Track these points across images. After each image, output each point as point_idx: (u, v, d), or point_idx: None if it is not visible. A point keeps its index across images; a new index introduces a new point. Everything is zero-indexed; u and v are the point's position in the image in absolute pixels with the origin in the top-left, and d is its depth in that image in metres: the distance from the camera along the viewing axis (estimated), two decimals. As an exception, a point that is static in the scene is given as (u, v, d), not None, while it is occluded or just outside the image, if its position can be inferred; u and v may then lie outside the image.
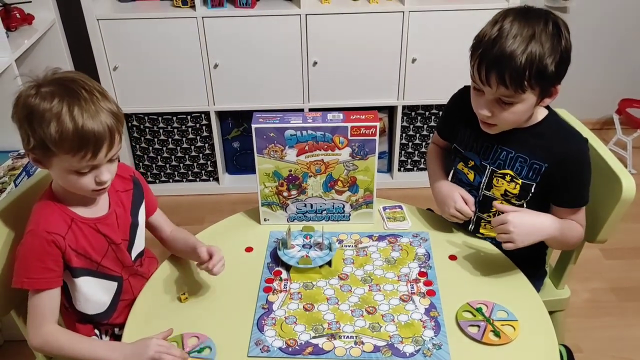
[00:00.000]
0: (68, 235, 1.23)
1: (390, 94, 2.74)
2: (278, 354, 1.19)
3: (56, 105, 1.13)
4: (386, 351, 1.19)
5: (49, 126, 1.12)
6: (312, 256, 1.42)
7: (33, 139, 1.15)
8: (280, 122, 1.42)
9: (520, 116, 1.34)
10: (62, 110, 1.12)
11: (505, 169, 1.43)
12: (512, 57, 1.23)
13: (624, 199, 1.37)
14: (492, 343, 1.19)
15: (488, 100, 1.33)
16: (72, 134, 1.12)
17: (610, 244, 2.42)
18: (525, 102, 1.30)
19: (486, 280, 1.37)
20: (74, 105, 1.13)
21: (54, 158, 1.17)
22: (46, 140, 1.13)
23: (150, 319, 1.30)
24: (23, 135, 1.18)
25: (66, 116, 1.12)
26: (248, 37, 2.58)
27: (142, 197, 1.43)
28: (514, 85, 1.25)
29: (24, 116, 1.16)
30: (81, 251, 1.26)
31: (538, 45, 1.24)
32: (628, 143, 3.06)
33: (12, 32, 2.27)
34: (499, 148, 1.43)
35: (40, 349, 1.27)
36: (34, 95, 1.15)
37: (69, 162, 1.16)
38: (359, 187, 1.52)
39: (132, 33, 2.56)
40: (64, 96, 1.14)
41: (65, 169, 1.18)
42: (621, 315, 2.19)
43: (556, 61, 1.26)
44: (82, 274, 1.29)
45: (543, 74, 1.25)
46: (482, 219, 1.52)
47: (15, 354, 2.05)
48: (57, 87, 1.16)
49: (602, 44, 3.18)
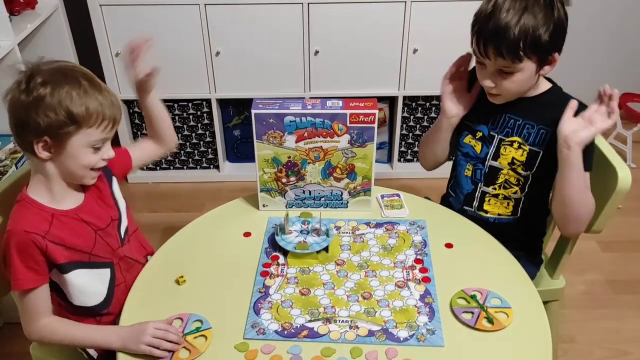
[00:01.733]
0: (50, 232, 1.23)
1: (391, 84, 2.74)
2: (274, 337, 1.20)
3: (70, 87, 1.18)
4: (380, 335, 1.20)
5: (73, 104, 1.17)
6: (309, 242, 1.43)
7: (50, 124, 1.16)
8: (280, 109, 1.43)
9: (522, 85, 1.41)
10: (81, 89, 1.18)
11: (513, 136, 1.48)
12: (506, 30, 1.31)
13: (619, 190, 1.39)
14: (486, 329, 1.21)
15: (490, 71, 1.41)
16: (95, 106, 1.19)
17: (607, 237, 2.45)
18: (524, 71, 1.37)
19: (481, 268, 1.39)
20: (89, 85, 1.20)
21: (74, 137, 1.19)
22: (75, 117, 1.17)
23: (147, 303, 1.31)
24: (32, 126, 1.17)
25: (86, 93, 1.19)
26: (250, 25, 2.58)
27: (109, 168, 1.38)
28: (511, 55, 1.33)
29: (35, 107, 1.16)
30: (69, 244, 1.26)
31: (531, 17, 1.31)
32: (628, 137, 3.06)
33: (15, 16, 2.28)
34: (506, 116, 1.50)
35: (40, 342, 1.29)
36: (39, 84, 1.17)
37: (91, 136, 1.21)
38: (357, 175, 1.54)
39: (134, 19, 2.57)
40: (74, 78, 1.19)
41: (83, 146, 1.21)
42: (616, 307, 2.20)
43: (550, 30, 1.32)
44: (73, 268, 1.28)
45: (537, 43, 1.32)
46: (487, 192, 1.55)
47: (15, 335, 2.07)
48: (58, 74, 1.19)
49: (603, 37, 3.18)
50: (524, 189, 1.51)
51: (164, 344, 1.16)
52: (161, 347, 1.16)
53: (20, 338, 1.92)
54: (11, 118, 1.20)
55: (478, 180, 1.56)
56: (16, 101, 1.18)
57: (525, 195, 1.52)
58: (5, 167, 2.02)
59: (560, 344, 1.96)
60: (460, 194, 1.62)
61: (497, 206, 1.55)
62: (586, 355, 2.01)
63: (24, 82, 1.18)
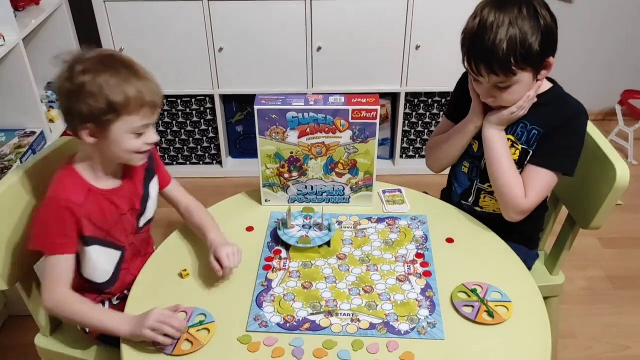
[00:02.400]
0: (84, 204, 1.29)
1: (393, 80, 2.75)
2: (276, 329, 1.22)
3: (109, 74, 1.21)
4: (381, 328, 1.22)
5: (112, 92, 1.20)
6: (311, 236, 1.45)
7: (92, 112, 1.21)
8: (282, 104, 1.45)
9: (521, 94, 1.41)
10: (120, 76, 1.21)
11: (508, 134, 1.48)
12: (494, 48, 1.30)
13: (618, 186, 1.39)
14: (486, 323, 1.22)
15: (486, 87, 1.40)
16: (134, 93, 1.22)
17: (608, 233, 2.48)
18: (521, 82, 1.36)
19: (482, 263, 1.40)
20: (128, 72, 1.23)
21: (115, 124, 1.23)
22: (115, 105, 1.21)
23: (151, 295, 1.33)
24: (76, 113, 1.23)
25: (125, 80, 1.22)
26: (253, 21, 2.60)
27: (154, 169, 1.48)
28: (503, 71, 1.33)
29: (77, 94, 1.21)
30: (94, 220, 1.31)
31: (517, 30, 1.29)
32: (629, 134, 3.07)
33: (19, 12, 2.29)
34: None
35: (52, 310, 1.30)
36: (84, 71, 1.21)
37: (131, 123, 1.25)
38: (359, 170, 1.55)
39: (138, 15, 2.58)
40: (116, 67, 1.23)
41: (125, 132, 1.25)
42: (616, 303, 2.22)
43: (539, 39, 1.31)
44: (93, 243, 1.33)
45: (528, 54, 1.31)
46: (482, 189, 1.56)
47: (20, 328, 2.10)
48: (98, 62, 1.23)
49: (606, 35, 3.19)
50: None
51: (165, 328, 1.17)
52: (162, 331, 1.17)
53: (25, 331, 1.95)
54: (60, 105, 1.27)
55: (474, 177, 1.57)
56: (61, 89, 1.24)
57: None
58: (10, 161, 2.04)
59: (560, 338, 1.97)
60: (457, 188, 1.63)
61: (492, 203, 1.56)
62: (586, 350, 2.03)
63: (67, 70, 1.23)
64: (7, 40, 2.03)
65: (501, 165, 1.44)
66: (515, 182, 1.43)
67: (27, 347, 1.59)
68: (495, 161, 1.45)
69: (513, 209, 1.45)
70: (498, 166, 1.44)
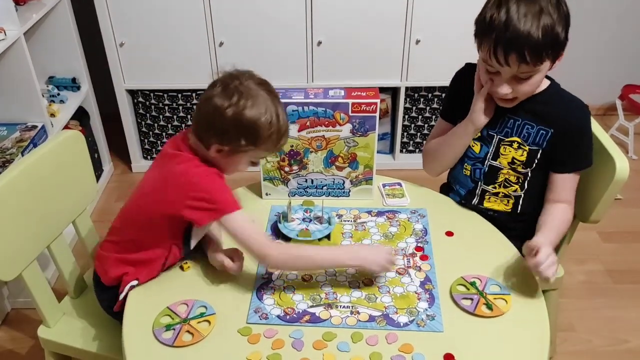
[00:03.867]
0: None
1: (393, 75, 2.76)
2: (276, 321, 1.23)
3: (270, 108, 1.27)
4: (381, 321, 1.23)
5: (261, 131, 1.26)
6: (311, 229, 1.45)
7: (233, 140, 1.27)
8: (283, 98, 1.44)
9: (538, 85, 1.42)
10: (274, 113, 1.27)
11: (513, 136, 1.48)
12: (529, 36, 1.29)
13: (617, 180, 1.40)
14: (485, 315, 1.23)
15: (506, 78, 1.38)
16: (278, 133, 1.29)
17: (607, 228, 2.48)
18: (542, 71, 1.37)
19: (481, 256, 1.40)
20: (278, 107, 1.29)
21: (249, 152, 1.31)
22: (258, 142, 1.28)
23: (153, 289, 1.34)
24: (218, 133, 1.27)
25: (276, 119, 1.28)
26: (254, 15, 2.60)
27: None
28: (534, 60, 1.32)
29: (233, 122, 1.25)
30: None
31: (548, 17, 1.30)
32: (630, 129, 3.07)
33: (20, 6, 2.30)
34: (506, 117, 1.48)
35: (283, 262, 1.32)
36: (243, 106, 1.25)
37: (258, 155, 1.36)
38: (359, 164, 1.55)
39: (139, 10, 2.58)
40: (272, 99, 1.29)
41: (249, 158, 1.35)
42: (616, 297, 2.23)
43: (565, 28, 1.33)
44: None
45: (556, 42, 1.33)
46: (487, 191, 1.56)
47: (22, 321, 2.11)
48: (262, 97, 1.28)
49: (607, 29, 3.19)
50: (523, 187, 1.52)
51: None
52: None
53: (27, 324, 1.96)
54: (203, 115, 1.30)
55: (478, 179, 1.56)
56: (216, 106, 1.26)
57: (525, 192, 1.53)
58: (12, 155, 2.05)
59: (560, 332, 1.98)
60: (460, 190, 1.61)
61: (497, 203, 1.55)
62: (585, 344, 2.03)
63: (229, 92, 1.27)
64: (8, 35, 2.03)
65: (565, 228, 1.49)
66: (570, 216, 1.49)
67: (30, 340, 1.60)
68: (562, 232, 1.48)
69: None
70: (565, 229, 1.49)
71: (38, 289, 1.44)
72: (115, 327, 1.38)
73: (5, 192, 1.34)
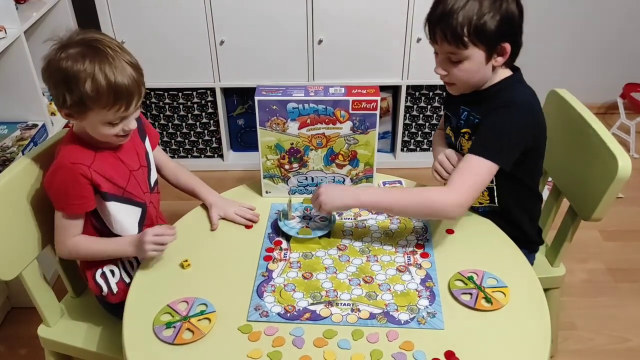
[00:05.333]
0: (94, 163, 1.33)
1: (394, 73, 2.75)
2: (276, 319, 1.23)
3: (88, 65, 1.22)
4: (381, 318, 1.22)
5: (84, 85, 1.21)
6: (311, 227, 1.45)
7: (70, 98, 1.24)
8: (283, 95, 1.45)
9: (472, 74, 1.41)
10: (95, 70, 1.21)
11: (465, 127, 1.50)
12: (450, 14, 1.33)
13: (619, 178, 1.39)
14: (485, 309, 1.23)
15: (441, 59, 1.43)
16: (107, 91, 1.23)
17: (609, 226, 2.48)
18: (472, 59, 1.38)
19: (482, 253, 1.40)
20: (104, 64, 1.22)
21: (89, 113, 1.26)
22: (84, 98, 1.23)
23: (152, 286, 1.33)
24: (58, 96, 1.26)
25: (99, 75, 1.22)
26: (254, 14, 2.60)
27: (144, 129, 1.52)
28: (455, 41, 1.35)
29: (59, 79, 1.24)
30: (108, 177, 1.36)
31: (476, 4, 1.33)
32: (631, 127, 3.07)
33: (21, 5, 2.30)
34: (460, 108, 1.51)
35: (68, 256, 1.43)
36: (64, 58, 1.22)
37: (104, 116, 1.27)
38: (360, 161, 1.55)
39: (139, 8, 2.58)
40: (93, 56, 1.22)
41: (99, 122, 1.28)
42: (617, 295, 2.22)
43: (497, 20, 1.33)
44: (111, 199, 1.38)
45: (482, 31, 1.33)
46: None
47: (23, 320, 2.11)
48: (84, 47, 1.24)
49: (607, 27, 3.18)
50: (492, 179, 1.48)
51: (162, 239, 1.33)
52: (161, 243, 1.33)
53: (28, 323, 1.96)
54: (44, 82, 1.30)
55: None
56: (43, 69, 1.27)
57: (497, 185, 1.51)
58: (12, 154, 2.05)
59: (561, 330, 1.98)
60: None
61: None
62: (586, 342, 2.03)
63: (53, 52, 1.24)
64: (8, 33, 2.03)
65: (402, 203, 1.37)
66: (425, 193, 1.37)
67: (31, 339, 1.60)
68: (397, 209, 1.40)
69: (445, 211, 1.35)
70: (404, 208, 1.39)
71: (38, 288, 1.43)
72: (115, 326, 1.38)
73: (6, 191, 1.34)
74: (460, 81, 1.43)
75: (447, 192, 1.34)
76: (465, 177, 1.35)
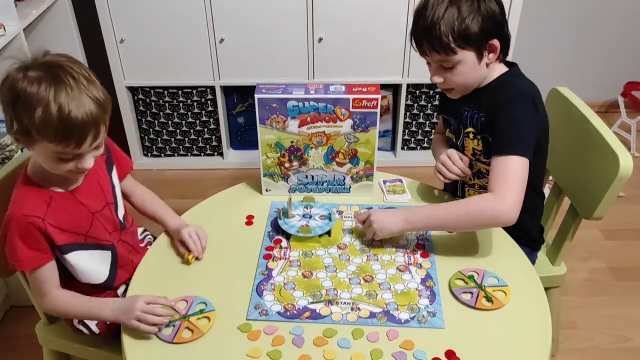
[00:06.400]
0: (48, 214, 1.23)
1: (395, 71, 2.74)
2: (276, 318, 1.22)
3: (43, 91, 1.09)
4: (381, 317, 1.22)
5: (33, 113, 1.09)
6: (312, 226, 1.44)
7: (17, 123, 1.12)
8: (283, 93, 1.44)
9: (468, 76, 1.42)
10: (49, 97, 1.08)
11: (468, 127, 1.50)
12: (432, 26, 1.34)
13: (621, 176, 1.39)
14: (486, 308, 1.22)
15: (434, 68, 1.44)
16: (57, 123, 1.09)
17: (610, 225, 2.47)
18: (464, 62, 1.38)
19: (482, 253, 1.40)
20: (61, 93, 1.09)
21: (36, 143, 1.14)
22: (30, 126, 1.10)
23: (152, 285, 1.32)
24: (7, 118, 1.15)
25: (52, 104, 1.08)
26: (254, 12, 2.59)
27: (112, 159, 1.42)
28: (443, 49, 1.36)
29: (9, 100, 1.12)
30: (65, 227, 1.26)
31: (454, 9, 1.33)
32: (632, 126, 3.06)
33: (20, 2, 2.29)
34: (461, 108, 1.51)
35: (50, 312, 1.37)
36: (21, 79, 1.11)
37: (52, 149, 1.14)
38: (360, 160, 1.54)
39: (139, 6, 2.57)
40: (51, 83, 1.10)
41: (48, 155, 1.16)
42: (618, 294, 2.21)
43: (479, 21, 1.34)
44: (72, 250, 1.29)
45: (467, 34, 1.34)
46: (465, 183, 1.58)
47: (22, 318, 2.10)
48: (44, 72, 1.11)
49: (608, 26, 3.17)
50: None
51: (150, 318, 1.17)
52: (149, 322, 1.17)
53: (27, 321, 1.95)
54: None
55: None
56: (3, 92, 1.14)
57: None
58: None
59: (562, 329, 1.97)
60: (447, 186, 1.66)
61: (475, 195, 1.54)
62: (587, 341, 2.02)
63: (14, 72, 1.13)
64: (7, 31, 2.03)
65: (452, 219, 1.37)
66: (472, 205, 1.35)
67: (29, 338, 1.60)
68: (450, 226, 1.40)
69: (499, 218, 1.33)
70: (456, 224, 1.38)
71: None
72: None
73: (6, 188, 1.32)
74: (458, 85, 1.44)
75: (493, 198, 1.32)
76: (504, 178, 1.33)
